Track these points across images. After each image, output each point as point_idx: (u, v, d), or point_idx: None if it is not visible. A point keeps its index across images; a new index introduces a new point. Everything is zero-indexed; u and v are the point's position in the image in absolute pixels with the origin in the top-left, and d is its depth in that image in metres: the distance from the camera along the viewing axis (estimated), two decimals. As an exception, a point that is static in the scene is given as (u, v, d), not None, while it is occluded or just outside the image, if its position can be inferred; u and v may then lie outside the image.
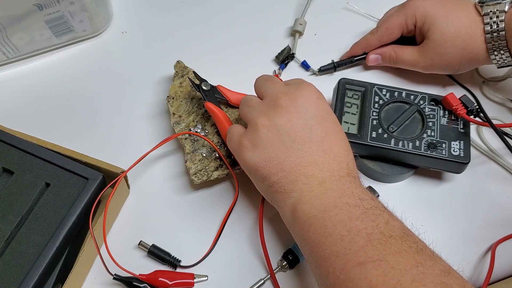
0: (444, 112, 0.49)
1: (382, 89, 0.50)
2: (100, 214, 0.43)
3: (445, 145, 0.47)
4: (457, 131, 0.48)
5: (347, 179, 0.38)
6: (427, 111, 0.49)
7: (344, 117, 0.49)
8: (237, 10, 0.62)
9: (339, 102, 0.49)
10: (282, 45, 0.58)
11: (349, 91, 0.50)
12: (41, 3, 0.49)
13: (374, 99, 0.49)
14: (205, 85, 0.49)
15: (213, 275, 0.45)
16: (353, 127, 0.48)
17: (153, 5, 0.62)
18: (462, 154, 0.46)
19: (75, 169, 0.43)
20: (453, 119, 0.48)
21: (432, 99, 0.49)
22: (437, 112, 0.49)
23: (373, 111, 0.49)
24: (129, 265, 0.42)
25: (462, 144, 0.47)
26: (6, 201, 0.41)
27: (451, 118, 0.48)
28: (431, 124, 0.48)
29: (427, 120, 0.48)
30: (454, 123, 0.48)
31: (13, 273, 0.38)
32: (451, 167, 0.47)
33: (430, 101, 0.49)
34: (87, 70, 0.56)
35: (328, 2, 0.63)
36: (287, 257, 0.45)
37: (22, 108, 0.53)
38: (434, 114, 0.48)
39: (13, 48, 0.53)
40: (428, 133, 0.47)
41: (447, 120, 0.48)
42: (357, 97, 0.50)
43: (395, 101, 0.49)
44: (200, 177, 0.46)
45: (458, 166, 0.47)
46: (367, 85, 0.50)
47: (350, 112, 0.49)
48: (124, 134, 0.52)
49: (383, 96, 0.49)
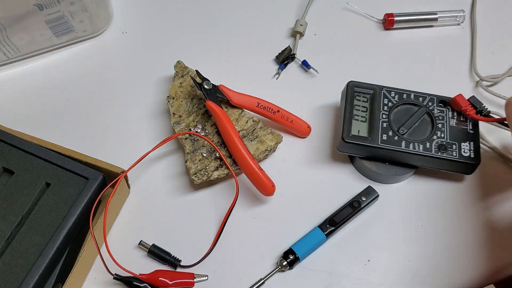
0: (453, 113, 0.49)
1: (390, 91, 0.50)
2: (100, 214, 0.43)
3: (455, 147, 0.47)
4: (466, 132, 0.48)
5: None
6: (436, 113, 0.49)
7: (354, 120, 0.49)
8: (238, 10, 0.62)
9: (348, 105, 0.49)
10: (283, 45, 0.58)
11: (358, 94, 0.50)
12: (42, 3, 0.49)
13: (383, 101, 0.49)
14: (207, 84, 0.49)
15: (213, 275, 0.45)
16: (363, 130, 0.48)
17: (153, 5, 0.62)
18: (473, 155, 0.46)
19: (75, 169, 0.43)
20: (462, 120, 0.48)
21: (440, 101, 0.49)
22: (446, 113, 0.49)
23: (383, 113, 0.49)
24: (129, 265, 0.42)
25: (472, 145, 0.47)
26: (6, 201, 0.41)
27: (460, 119, 0.48)
28: (440, 125, 0.48)
29: (437, 122, 0.48)
30: (463, 124, 0.48)
31: (13, 273, 0.38)
32: (461, 169, 0.47)
33: (438, 103, 0.49)
34: (87, 70, 0.56)
35: (328, 3, 0.63)
36: (287, 257, 0.45)
37: (22, 108, 0.53)
38: (443, 115, 0.49)
39: (14, 48, 0.53)
40: (438, 134, 0.47)
41: (456, 121, 0.48)
42: (366, 99, 0.50)
43: (404, 103, 0.49)
44: (200, 177, 0.47)
45: (468, 167, 0.47)
46: (375, 88, 0.50)
47: (359, 115, 0.49)
48: (124, 134, 0.52)
49: (392, 99, 0.49)
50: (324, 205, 0.48)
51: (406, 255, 0.46)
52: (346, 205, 0.48)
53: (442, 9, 0.61)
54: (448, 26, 0.62)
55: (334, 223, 0.46)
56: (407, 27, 0.61)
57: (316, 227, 0.46)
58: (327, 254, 0.46)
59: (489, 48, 0.60)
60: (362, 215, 0.48)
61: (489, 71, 0.57)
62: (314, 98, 0.56)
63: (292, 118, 0.51)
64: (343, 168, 0.51)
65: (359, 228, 0.48)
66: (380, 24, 0.62)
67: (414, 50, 0.60)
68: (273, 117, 0.51)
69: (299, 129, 0.52)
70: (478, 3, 0.64)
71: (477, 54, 0.59)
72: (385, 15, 0.61)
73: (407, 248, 0.47)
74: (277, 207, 0.49)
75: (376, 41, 0.60)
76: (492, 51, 0.60)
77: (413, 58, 0.59)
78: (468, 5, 0.64)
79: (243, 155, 0.46)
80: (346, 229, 0.48)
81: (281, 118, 0.51)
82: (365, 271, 0.46)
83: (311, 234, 0.46)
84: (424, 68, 0.58)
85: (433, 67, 0.59)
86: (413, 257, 0.46)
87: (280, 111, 0.51)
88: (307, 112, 0.54)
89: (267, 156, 0.51)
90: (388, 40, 0.61)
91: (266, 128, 0.50)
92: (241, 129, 0.49)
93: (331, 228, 0.46)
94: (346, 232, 0.47)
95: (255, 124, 0.50)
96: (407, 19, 0.61)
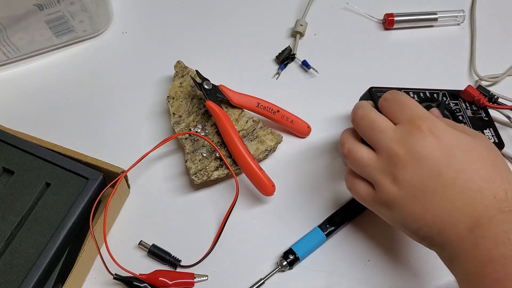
0: (466, 104, 0.49)
1: (408, 92, 0.49)
2: (100, 214, 0.43)
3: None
4: (483, 120, 0.48)
5: (499, 218, 0.33)
6: (453, 106, 0.49)
7: None
8: (238, 10, 0.62)
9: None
10: (283, 46, 0.58)
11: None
12: (42, 3, 0.49)
13: None
14: (207, 84, 0.49)
15: (213, 275, 0.45)
16: None
17: (153, 5, 0.62)
18: (497, 140, 0.47)
19: (75, 169, 0.43)
20: (475, 109, 0.49)
21: (452, 94, 0.49)
22: (461, 105, 0.49)
23: None
24: (129, 265, 0.42)
25: (492, 130, 0.48)
26: (6, 201, 0.41)
27: (473, 109, 0.49)
28: (461, 118, 0.48)
29: (457, 115, 0.48)
30: (477, 113, 0.49)
31: (13, 273, 0.38)
32: None
33: (451, 97, 0.49)
34: (87, 70, 0.56)
35: (328, 2, 0.63)
36: (287, 257, 0.45)
37: (22, 108, 0.53)
38: (459, 108, 0.49)
39: (14, 48, 0.53)
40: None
41: (471, 111, 0.49)
42: None
43: (423, 101, 0.49)
44: (200, 177, 0.47)
45: None
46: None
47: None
48: (124, 134, 0.52)
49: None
50: (324, 205, 0.48)
51: (406, 255, 0.46)
52: (346, 205, 0.48)
53: (442, 9, 0.61)
54: (448, 26, 0.62)
55: (334, 223, 0.46)
56: (407, 27, 0.61)
57: (316, 227, 0.46)
58: (327, 254, 0.46)
59: (489, 48, 0.60)
60: (362, 215, 0.48)
61: (488, 71, 0.57)
62: (314, 98, 0.56)
63: (292, 118, 0.51)
64: (343, 168, 0.51)
65: (359, 228, 0.48)
66: (380, 24, 0.62)
67: (414, 50, 0.60)
68: (273, 117, 0.51)
69: (299, 129, 0.52)
70: (478, 3, 0.64)
71: (477, 54, 0.59)
72: (385, 15, 0.61)
73: (407, 248, 0.47)
74: (277, 207, 0.49)
75: (376, 41, 0.61)
76: (491, 51, 0.60)
77: (413, 58, 0.59)
78: (468, 5, 0.64)
79: (243, 155, 0.46)
80: (346, 229, 0.48)
81: (281, 118, 0.51)
82: (365, 271, 0.46)
83: (311, 234, 0.46)
84: (423, 68, 0.59)
85: (433, 67, 0.59)
86: (413, 257, 0.46)
87: (280, 111, 0.51)
88: (307, 112, 0.54)
89: (267, 156, 0.51)
90: (388, 40, 0.61)
91: (266, 128, 0.50)
92: (241, 129, 0.49)
93: (331, 228, 0.46)
94: (346, 232, 0.47)
95: (255, 124, 0.50)
96: (407, 19, 0.61)
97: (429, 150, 0.35)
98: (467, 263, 0.33)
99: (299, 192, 0.49)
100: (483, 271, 0.32)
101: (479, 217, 0.33)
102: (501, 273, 0.31)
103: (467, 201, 0.34)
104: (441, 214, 0.35)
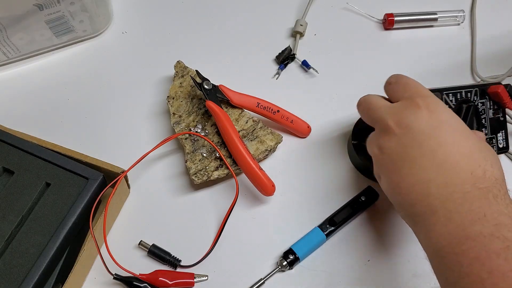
0: (490, 103, 0.48)
1: (448, 94, 0.47)
2: (100, 214, 0.43)
3: (494, 141, 0.46)
4: (499, 120, 0.48)
5: (475, 193, 0.32)
6: (480, 107, 0.47)
7: None
8: (238, 10, 0.62)
9: None
10: (283, 46, 0.58)
11: None
12: (42, 3, 0.49)
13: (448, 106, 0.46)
14: (207, 84, 0.49)
15: (213, 275, 0.45)
16: None
17: (153, 5, 0.62)
18: (505, 145, 0.47)
19: (75, 169, 0.43)
20: (496, 108, 0.48)
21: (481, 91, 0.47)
22: (486, 105, 0.47)
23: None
24: (129, 265, 0.42)
25: (504, 133, 0.47)
26: (7, 201, 0.41)
27: (494, 108, 0.48)
28: (484, 121, 0.47)
29: (481, 118, 0.47)
30: (497, 112, 0.48)
31: (13, 273, 0.38)
32: None
33: (480, 95, 0.47)
34: (87, 70, 0.56)
35: (328, 3, 0.63)
36: (287, 257, 0.45)
37: (22, 108, 0.53)
38: (484, 108, 0.47)
39: (14, 48, 0.53)
40: (483, 132, 0.47)
41: (492, 111, 0.48)
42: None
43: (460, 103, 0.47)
44: (200, 177, 0.47)
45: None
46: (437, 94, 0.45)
47: None
48: (124, 134, 0.52)
49: (450, 102, 0.47)
50: (324, 205, 0.48)
51: (406, 255, 0.46)
52: (346, 205, 0.48)
53: (442, 9, 0.61)
54: (448, 26, 0.62)
55: (334, 223, 0.46)
56: (407, 27, 0.61)
57: (316, 227, 0.46)
58: (327, 254, 0.46)
59: (489, 48, 0.60)
60: (362, 215, 0.48)
61: (488, 71, 0.57)
62: (314, 98, 0.56)
63: (292, 118, 0.51)
64: (343, 168, 0.51)
65: (359, 228, 0.48)
66: (380, 24, 0.62)
67: (414, 50, 0.60)
68: (273, 117, 0.51)
69: (299, 129, 0.52)
70: (478, 3, 0.64)
71: (477, 54, 0.59)
72: (385, 15, 0.61)
73: (407, 248, 0.47)
74: (277, 207, 0.49)
75: (376, 41, 0.61)
76: (491, 51, 0.60)
77: (413, 58, 0.59)
78: (468, 5, 0.64)
79: (243, 155, 0.46)
80: (346, 229, 0.48)
81: (281, 118, 0.51)
82: (365, 271, 0.46)
83: (311, 234, 0.46)
84: (424, 68, 0.58)
85: (433, 67, 0.59)
86: (413, 257, 0.46)
87: (280, 111, 0.51)
88: (307, 112, 0.54)
89: (267, 156, 0.51)
90: (388, 40, 0.61)
91: (266, 128, 0.50)
92: (241, 129, 0.49)
93: (331, 228, 0.46)
94: (346, 232, 0.47)
95: (255, 124, 0.50)
96: (407, 19, 0.61)
97: (418, 122, 0.36)
98: (441, 239, 0.32)
99: (299, 192, 0.49)
100: (459, 248, 0.30)
101: (453, 191, 0.32)
102: (480, 251, 0.29)
103: (442, 172, 0.33)
104: (416, 184, 0.34)
